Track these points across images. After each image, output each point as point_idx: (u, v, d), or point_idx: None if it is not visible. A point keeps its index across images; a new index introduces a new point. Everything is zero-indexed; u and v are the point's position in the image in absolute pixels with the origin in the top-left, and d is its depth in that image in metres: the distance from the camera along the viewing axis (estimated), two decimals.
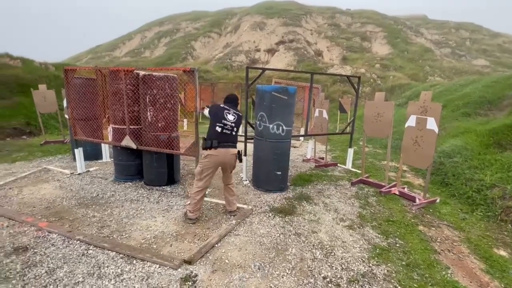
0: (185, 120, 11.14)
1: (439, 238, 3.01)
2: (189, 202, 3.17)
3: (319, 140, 6.30)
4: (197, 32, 28.90)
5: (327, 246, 2.73)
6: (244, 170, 4.69)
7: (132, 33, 33.82)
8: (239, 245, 2.68)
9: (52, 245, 2.56)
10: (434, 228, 3.23)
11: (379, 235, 3.00)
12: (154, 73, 3.91)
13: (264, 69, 4.45)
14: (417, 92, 13.02)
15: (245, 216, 3.28)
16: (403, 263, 2.53)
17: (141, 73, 3.93)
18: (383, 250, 2.71)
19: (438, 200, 3.97)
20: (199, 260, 2.41)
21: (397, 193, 4.19)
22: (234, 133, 3.13)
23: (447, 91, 10.02)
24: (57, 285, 2.05)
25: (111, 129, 4.45)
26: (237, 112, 3.21)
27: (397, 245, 2.83)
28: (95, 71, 4.55)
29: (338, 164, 5.82)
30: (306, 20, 28.05)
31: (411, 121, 3.91)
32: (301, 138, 8.91)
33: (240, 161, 3.29)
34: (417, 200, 3.87)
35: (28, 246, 2.52)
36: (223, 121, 3.05)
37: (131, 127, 4.08)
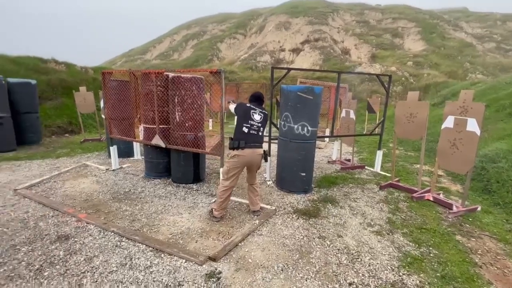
0: (210, 120, 11.42)
1: (480, 250, 2.76)
2: (214, 201, 3.24)
3: (346, 141, 6.10)
4: (223, 34, 29.48)
5: (353, 252, 2.63)
6: (267, 170, 4.68)
7: (162, 36, 35.46)
8: (262, 245, 2.68)
9: (90, 235, 2.77)
10: (474, 239, 2.97)
11: (411, 243, 2.83)
12: (182, 75, 4.06)
13: (289, 69, 4.41)
14: (455, 91, 12.05)
15: (268, 217, 3.28)
16: (438, 274, 2.36)
17: (170, 75, 4.10)
18: (415, 259, 2.55)
19: (479, 209, 3.64)
20: (223, 258, 2.45)
21: (431, 199, 3.91)
22: (260, 133, 3.13)
23: (491, 90, 9.15)
24: (94, 272, 2.21)
25: (142, 128, 4.71)
26: (263, 111, 3.21)
27: (431, 254, 2.64)
28: (129, 73, 4.84)
29: (366, 167, 5.59)
30: (332, 18, 27.32)
31: (449, 122, 3.62)
32: (326, 139, 8.69)
33: (266, 160, 3.28)
34: (454, 208, 3.59)
35: (69, 235, 2.75)
36: (250, 121, 3.06)
37: (161, 126, 4.28)
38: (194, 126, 4.18)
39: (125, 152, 5.81)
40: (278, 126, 4.28)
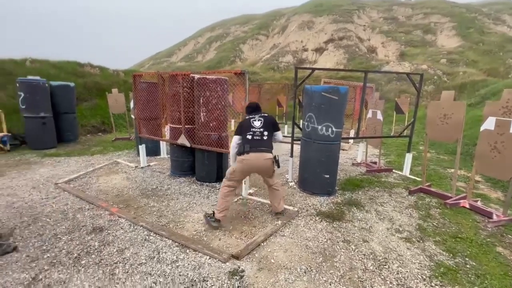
0: (232, 120, 11.58)
1: None
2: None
3: (371, 143, 5.87)
4: (245, 35, 29.75)
5: (380, 258, 2.53)
6: (290, 171, 4.65)
7: (187, 39, 36.63)
8: (284, 246, 2.67)
9: (121, 228, 2.93)
10: None
11: (444, 252, 2.65)
12: (207, 76, 4.16)
13: (313, 69, 4.34)
14: (495, 90, 11.09)
15: (290, 218, 3.25)
16: (475, 287, 2.19)
17: (196, 76, 4.22)
18: (449, 270, 2.38)
19: None
20: (245, 257, 2.48)
21: (467, 206, 3.64)
22: (265, 138, 3.05)
23: None
24: (125, 263, 2.34)
25: (168, 128, 4.91)
26: (263, 115, 3.17)
27: (468, 266, 2.46)
28: (157, 76, 5.06)
29: (394, 170, 5.33)
30: (358, 16, 26.43)
31: (489, 124, 3.35)
32: (351, 141, 8.42)
33: (278, 166, 3.14)
34: (494, 217, 3.30)
35: (103, 227, 2.94)
36: (251, 129, 3.05)
37: (186, 126, 4.42)
38: (218, 126, 4.27)
39: (153, 150, 6.08)
40: (301, 126, 4.23)
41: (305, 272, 2.30)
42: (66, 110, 7.48)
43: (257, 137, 3.03)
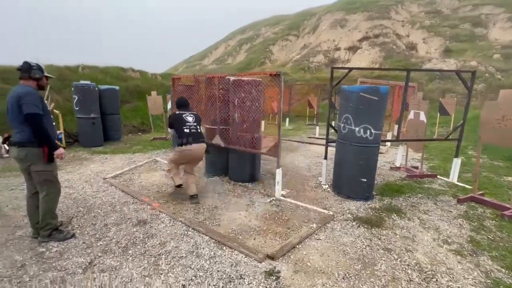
0: (262, 121, 11.66)
1: None
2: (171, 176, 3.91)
3: (412, 146, 5.48)
4: (276, 36, 29.74)
5: (427, 270, 2.35)
6: (323, 174, 4.54)
7: (218, 42, 37.72)
8: (320, 250, 2.61)
9: (162, 222, 3.12)
10: None
11: (503, 269, 2.38)
12: (242, 78, 4.25)
13: (351, 69, 4.20)
14: None
15: (325, 222, 3.18)
16: None
17: (231, 78, 4.33)
18: None
19: None
20: (281, 258, 2.47)
21: None
22: (199, 131, 3.73)
23: None
24: (167, 256, 2.48)
25: (203, 129, 5.12)
26: (192, 112, 3.83)
27: None
28: (194, 78, 5.29)
29: (438, 176, 4.92)
30: (396, 11, 24.90)
31: None
32: (388, 144, 7.96)
33: (208, 153, 4.02)
34: None
35: (146, 221, 3.15)
36: (186, 123, 3.63)
37: (221, 127, 4.55)
38: (251, 127, 4.32)
39: None
40: (337, 128, 4.11)
41: (343, 278, 2.23)
42: (111, 111, 8.16)
43: (194, 130, 3.64)
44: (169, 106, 6.77)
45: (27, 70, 2.48)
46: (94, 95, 7.47)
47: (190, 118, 3.71)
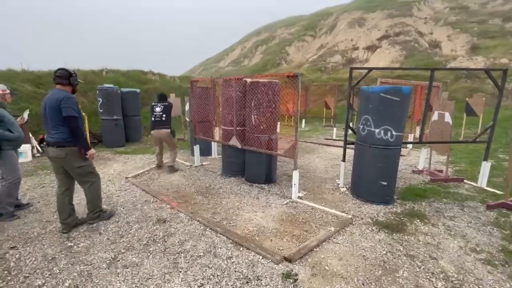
0: (278, 123, 11.62)
1: None
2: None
3: (436, 149, 5.23)
4: (292, 37, 29.59)
5: (454, 279, 2.23)
6: (341, 176, 4.45)
7: (234, 45, 38.13)
8: (339, 254, 2.56)
9: (181, 221, 3.19)
10: None
11: None
12: (259, 80, 4.27)
13: (370, 69, 4.09)
14: None
15: (344, 225, 3.11)
16: None
17: (248, 80, 4.36)
18: None
19: None
20: (298, 260, 2.45)
21: None
22: (163, 119, 5.02)
23: None
24: (186, 254, 2.54)
25: (218, 130, 5.23)
26: (164, 104, 5.08)
27: None
28: (211, 81, 5.38)
29: (465, 180, 4.66)
30: (418, 8, 23.95)
31: None
32: (409, 146, 7.66)
33: (174, 136, 5.32)
34: None
35: (166, 219, 3.24)
36: (154, 113, 5.05)
37: (238, 128, 4.60)
38: (268, 128, 4.33)
39: (205, 151, 6.46)
40: (355, 130, 4.02)
41: (363, 284, 2.17)
42: (133, 113, 8.48)
43: (158, 118, 5.03)
44: (187, 108, 6.94)
45: (67, 77, 2.77)
46: (117, 98, 7.81)
47: (158, 109, 5.00)
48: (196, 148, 5.69)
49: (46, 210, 3.48)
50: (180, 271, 2.29)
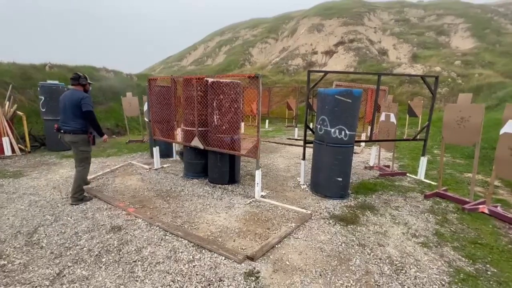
0: (242, 123, 11.67)
1: None
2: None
3: (385, 146, 5.80)
4: (255, 39, 29.96)
5: (397, 262, 2.49)
6: (302, 174, 4.65)
7: (197, 43, 37.19)
8: (299, 249, 2.67)
9: (138, 228, 3.01)
10: None
11: (463, 258, 2.59)
12: (221, 80, 4.24)
13: (326, 72, 4.35)
14: None
15: (304, 221, 3.26)
16: None
17: (210, 80, 4.30)
18: (469, 276, 2.33)
19: None
20: (260, 258, 2.50)
21: (487, 211, 3.54)
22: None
23: None
24: (144, 262, 2.40)
25: (181, 131, 5.02)
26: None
27: (489, 272, 2.39)
28: (171, 80, 5.18)
29: (407, 174, 5.24)
30: (369, 18, 26.19)
31: (509, 127, 3.26)
32: (362, 144, 8.33)
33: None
34: None
35: (121, 227, 3.02)
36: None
37: (199, 129, 4.50)
38: (230, 129, 4.32)
39: (165, 153, 6.20)
40: (313, 129, 4.24)
41: (320, 275, 2.30)
42: None
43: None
44: (145, 107, 6.56)
45: (77, 79, 3.60)
46: None
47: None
48: (156, 150, 5.42)
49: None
50: (137, 280, 2.17)
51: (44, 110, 6.77)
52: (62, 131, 3.52)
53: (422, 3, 29.16)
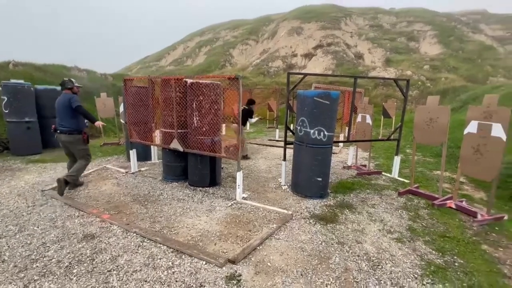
0: (223, 124, 11.57)
1: (509, 261, 2.64)
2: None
3: (361, 146, 6.02)
4: (235, 40, 29.93)
5: (374, 258, 2.59)
6: (283, 175, 4.70)
7: (176, 43, 36.42)
8: (280, 250, 2.69)
9: (114, 235, 2.87)
10: (502, 249, 2.85)
11: (434, 251, 2.75)
12: (200, 81, 4.17)
13: (305, 74, 4.44)
14: (475, 95, 11.66)
15: (285, 221, 3.28)
16: (464, 284, 2.28)
17: (189, 81, 4.22)
18: (439, 268, 2.47)
19: (506, 217, 3.49)
20: (242, 261, 2.48)
21: (454, 206, 3.79)
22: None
23: None
24: (119, 271, 2.29)
25: (160, 133, 4.87)
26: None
27: (456, 264, 2.56)
28: (148, 80, 5.01)
29: (383, 173, 5.48)
30: (345, 23, 27.18)
31: (472, 128, 3.52)
32: (341, 144, 8.60)
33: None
34: (479, 216, 3.45)
35: (94, 235, 2.86)
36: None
37: (179, 131, 4.40)
38: (210, 130, 4.26)
39: (143, 156, 5.98)
40: (294, 131, 4.30)
41: (301, 275, 2.32)
42: (52, 114, 7.19)
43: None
44: (121, 109, 6.28)
45: (64, 84, 4.11)
46: (29, 96, 6.57)
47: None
48: (133, 153, 5.21)
49: None
50: None
51: (7, 111, 6.26)
52: (58, 131, 3.97)
53: (394, 10, 30.80)
